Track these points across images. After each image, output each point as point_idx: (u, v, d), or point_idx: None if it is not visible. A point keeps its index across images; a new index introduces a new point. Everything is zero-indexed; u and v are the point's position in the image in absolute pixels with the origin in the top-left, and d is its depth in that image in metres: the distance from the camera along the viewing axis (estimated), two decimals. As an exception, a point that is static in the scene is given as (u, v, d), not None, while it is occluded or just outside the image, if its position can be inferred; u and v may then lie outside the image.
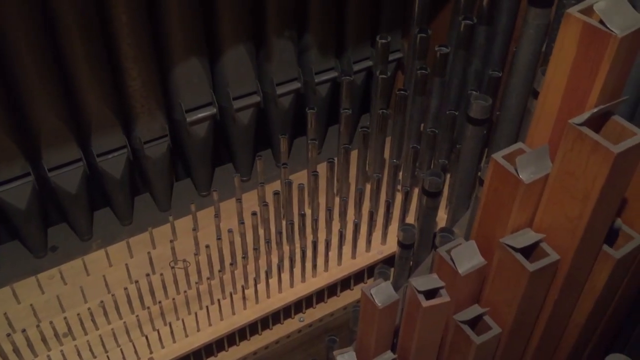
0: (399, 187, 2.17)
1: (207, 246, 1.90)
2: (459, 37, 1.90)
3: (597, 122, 1.24)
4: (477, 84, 1.98)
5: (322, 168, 2.03)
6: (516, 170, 1.29)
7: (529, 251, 1.37)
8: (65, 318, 1.80)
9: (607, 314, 1.61)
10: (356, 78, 2.34)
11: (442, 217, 2.11)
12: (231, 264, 1.93)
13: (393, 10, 2.26)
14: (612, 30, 1.15)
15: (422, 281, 1.32)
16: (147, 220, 2.20)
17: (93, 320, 1.84)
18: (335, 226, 2.07)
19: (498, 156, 1.33)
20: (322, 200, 2.13)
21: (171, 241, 1.99)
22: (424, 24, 1.99)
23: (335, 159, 2.00)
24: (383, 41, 2.00)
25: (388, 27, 2.29)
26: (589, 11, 1.22)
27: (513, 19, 1.84)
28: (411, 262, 1.91)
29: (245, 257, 1.96)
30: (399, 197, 2.10)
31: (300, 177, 2.26)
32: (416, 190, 2.18)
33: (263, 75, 2.17)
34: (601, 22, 1.16)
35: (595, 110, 1.18)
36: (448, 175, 2.13)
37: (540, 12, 1.53)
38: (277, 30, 2.06)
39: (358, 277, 2.14)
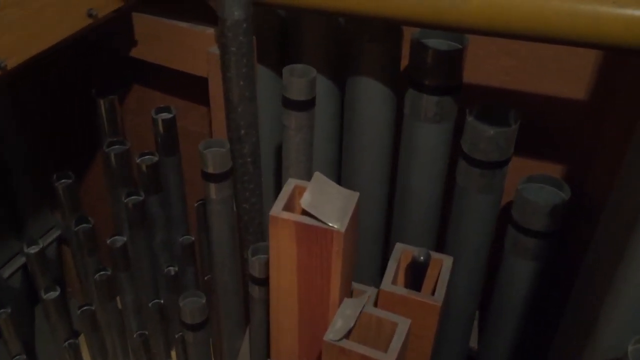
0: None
1: None
2: (130, 216, 1.55)
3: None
4: (169, 255, 1.66)
5: None
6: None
7: None
8: None
9: None
10: (12, 283, 1.82)
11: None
12: None
13: (32, 200, 1.81)
14: (330, 225, 0.95)
15: None
16: None
17: None
18: None
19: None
20: None
21: None
22: (79, 210, 1.60)
23: None
24: (32, 251, 1.53)
25: (32, 218, 1.82)
26: (292, 203, 1.01)
27: (181, 183, 1.59)
28: None
29: None
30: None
31: None
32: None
33: None
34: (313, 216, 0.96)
35: (351, 324, 0.96)
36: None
37: (219, 186, 1.29)
38: None
39: None
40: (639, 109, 1.33)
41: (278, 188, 1.57)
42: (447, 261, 1.23)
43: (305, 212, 0.97)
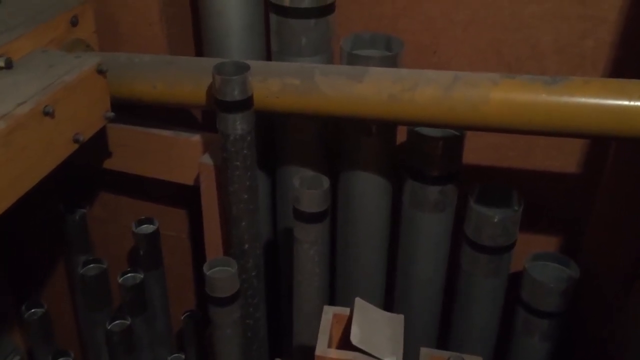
0: None
1: None
2: (114, 342, 1.40)
3: None
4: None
5: None
6: None
7: None
8: None
9: None
10: None
11: None
12: None
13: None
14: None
15: None
16: None
17: None
18: None
19: None
20: None
21: None
22: (53, 341, 1.43)
23: None
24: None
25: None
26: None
27: (166, 297, 1.47)
28: None
29: None
30: None
31: None
32: None
33: None
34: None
35: None
36: None
37: (229, 310, 1.17)
38: None
39: None
40: (629, 181, 1.35)
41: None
42: (477, 362, 1.17)
43: (349, 345, 0.88)
